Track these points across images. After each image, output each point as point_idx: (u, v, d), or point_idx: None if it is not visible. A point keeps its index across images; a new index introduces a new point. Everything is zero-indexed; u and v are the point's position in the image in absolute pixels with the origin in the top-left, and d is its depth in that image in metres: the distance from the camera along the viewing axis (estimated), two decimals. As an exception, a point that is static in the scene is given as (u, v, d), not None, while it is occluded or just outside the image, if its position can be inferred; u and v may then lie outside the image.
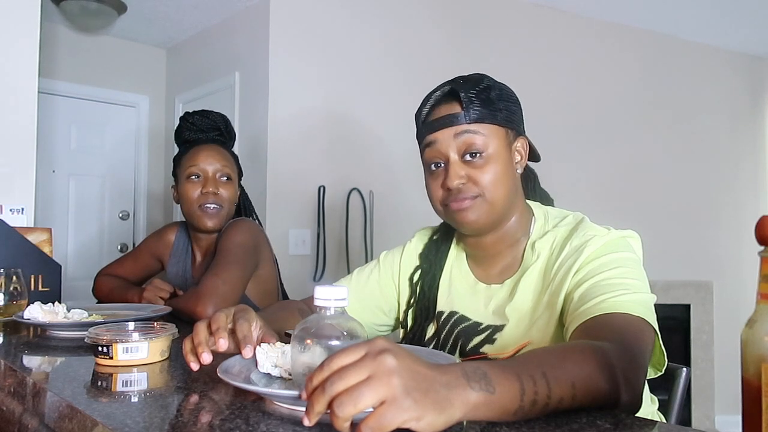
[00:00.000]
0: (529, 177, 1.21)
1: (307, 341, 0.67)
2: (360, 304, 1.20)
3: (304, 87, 3.01)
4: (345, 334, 0.68)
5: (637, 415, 0.72)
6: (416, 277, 1.19)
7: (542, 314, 0.99)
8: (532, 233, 1.08)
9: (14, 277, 1.45)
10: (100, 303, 1.72)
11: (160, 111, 4.01)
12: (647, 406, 1.03)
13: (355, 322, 0.70)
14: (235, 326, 0.84)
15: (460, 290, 1.12)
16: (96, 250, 3.77)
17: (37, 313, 1.24)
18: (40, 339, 1.23)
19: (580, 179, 3.50)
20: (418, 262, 1.20)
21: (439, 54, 3.24)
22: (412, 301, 1.19)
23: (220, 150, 1.72)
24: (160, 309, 1.47)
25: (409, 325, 1.18)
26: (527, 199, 1.14)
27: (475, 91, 1.01)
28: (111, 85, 3.83)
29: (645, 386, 0.93)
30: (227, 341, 0.83)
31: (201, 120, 1.73)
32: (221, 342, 0.82)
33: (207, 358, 0.81)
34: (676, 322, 3.84)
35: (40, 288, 1.67)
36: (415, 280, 1.19)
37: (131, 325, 1.00)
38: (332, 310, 0.68)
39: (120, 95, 3.88)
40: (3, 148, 1.98)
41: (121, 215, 3.90)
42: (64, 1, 3.18)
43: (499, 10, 3.48)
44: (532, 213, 1.10)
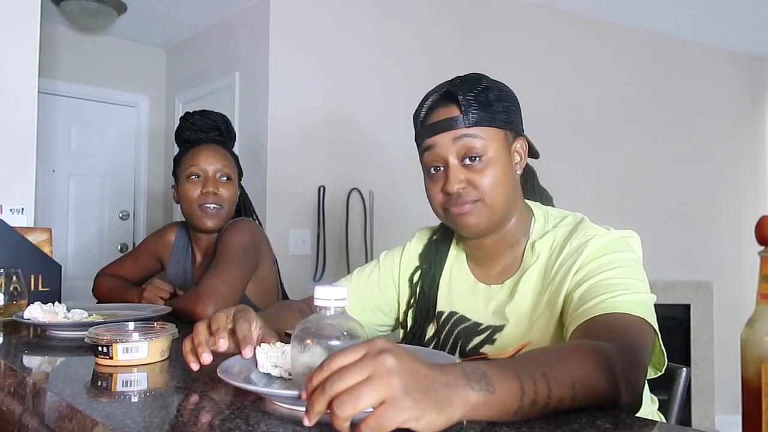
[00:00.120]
0: (528, 175, 1.20)
1: (307, 341, 0.67)
2: (360, 304, 1.20)
3: (304, 87, 3.01)
4: (345, 334, 0.68)
5: (637, 415, 0.72)
6: (416, 277, 1.19)
7: (542, 314, 0.99)
8: (532, 233, 1.08)
9: (14, 277, 1.45)
10: (100, 303, 1.72)
11: (160, 111, 4.01)
12: (647, 406, 1.03)
13: (355, 322, 0.69)
14: (235, 326, 0.84)
15: (460, 290, 1.12)
16: (96, 250, 3.77)
17: (37, 313, 1.24)
18: (40, 339, 1.23)
19: (580, 179, 3.50)
20: (417, 263, 1.20)
21: (439, 54, 3.24)
22: (412, 301, 1.18)
23: (221, 150, 1.72)
24: (160, 309, 1.47)
25: (409, 325, 1.18)
26: (526, 197, 1.14)
27: (473, 94, 1.00)
28: (111, 85, 3.83)
29: (645, 386, 0.93)
30: (227, 341, 0.83)
31: (201, 120, 1.73)
32: (221, 342, 0.82)
33: (207, 359, 0.81)
34: (676, 322, 3.84)
35: (40, 288, 1.67)
36: (415, 281, 1.19)
37: (131, 325, 1.00)
38: (332, 310, 0.68)
39: (120, 95, 3.88)
40: (3, 148, 1.98)
41: (121, 215, 3.90)
42: (64, 1, 3.18)
43: (499, 10, 3.48)
44: (532, 213, 1.10)
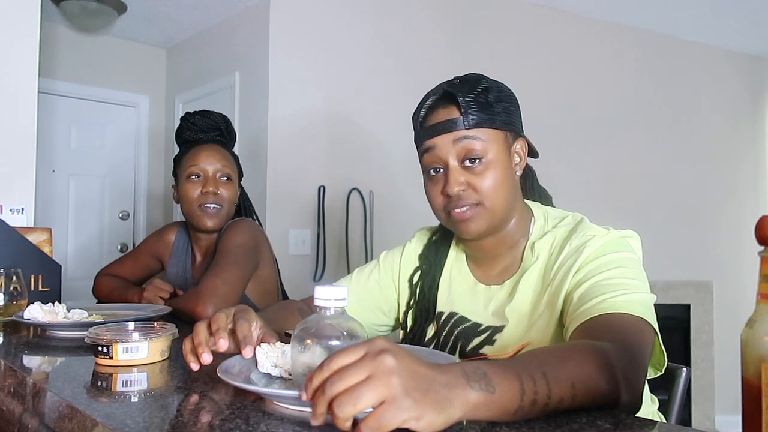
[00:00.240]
0: (527, 175, 1.20)
1: (307, 341, 0.67)
2: (360, 304, 1.20)
3: (304, 87, 3.01)
4: (345, 334, 0.68)
5: (637, 415, 0.72)
6: (416, 278, 1.19)
7: (542, 315, 0.99)
8: (532, 234, 1.07)
9: (14, 277, 1.45)
10: (100, 303, 1.72)
11: (160, 111, 4.01)
12: (647, 406, 1.03)
13: (355, 322, 0.69)
14: (235, 326, 0.84)
15: (460, 291, 1.12)
16: (96, 250, 3.77)
17: (37, 313, 1.24)
18: (40, 339, 1.23)
19: (580, 179, 3.50)
20: (417, 263, 1.20)
21: (439, 54, 3.24)
22: (411, 302, 1.18)
23: (221, 150, 1.72)
24: (160, 309, 1.47)
25: (409, 326, 1.18)
26: (526, 196, 1.14)
27: (473, 95, 1.00)
28: (111, 85, 3.83)
29: (645, 386, 0.93)
30: (227, 341, 0.83)
31: (202, 120, 1.73)
32: (221, 342, 0.82)
33: (207, 359, 0.81)
34: (676, 322, 3.84)
35: (40, 288, 1.67)
36: (415, 281, 1.19)
37: (131, 325, 1.00)
38: (332, 310, 0.68)
39: (120, 95, 3.88)
40: (3, 148, 1.98)
41: (121, 215, 3.90)
42: (64, 1, 3.18)
43: (499, 10, 3.48)
44: (532, 214, 1.10)
